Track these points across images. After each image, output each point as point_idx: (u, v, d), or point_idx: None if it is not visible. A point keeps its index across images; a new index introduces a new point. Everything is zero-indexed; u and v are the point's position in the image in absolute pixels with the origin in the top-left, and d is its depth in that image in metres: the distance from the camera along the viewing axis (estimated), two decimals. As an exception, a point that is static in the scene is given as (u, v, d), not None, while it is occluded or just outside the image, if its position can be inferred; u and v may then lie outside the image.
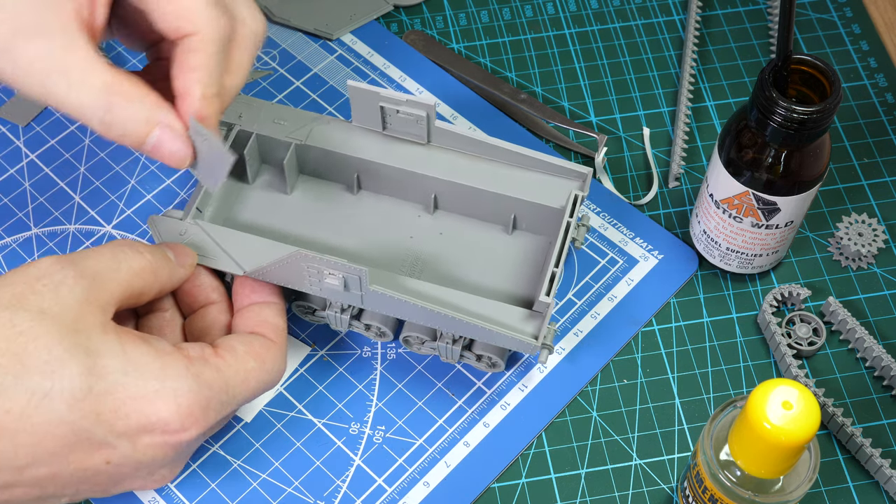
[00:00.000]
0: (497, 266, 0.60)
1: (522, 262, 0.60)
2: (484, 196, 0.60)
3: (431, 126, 0.59)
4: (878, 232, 0.64)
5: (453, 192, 0.60)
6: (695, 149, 0.69)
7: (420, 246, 0.61)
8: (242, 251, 0.56)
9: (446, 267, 0.60)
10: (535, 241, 0.61)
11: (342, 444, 0.58)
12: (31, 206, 0.66)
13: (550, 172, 0.59)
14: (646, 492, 0.57)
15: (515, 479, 0.58)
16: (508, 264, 0.60)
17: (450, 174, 0.60)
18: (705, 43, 0.73)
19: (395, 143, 0.60)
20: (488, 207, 0.60)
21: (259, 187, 0.62)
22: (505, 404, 0.59)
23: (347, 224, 0.61)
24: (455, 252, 0.60)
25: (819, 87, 0.54)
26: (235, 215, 0.61)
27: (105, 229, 0.65)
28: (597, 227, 0.65)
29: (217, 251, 0.57)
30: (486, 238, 0.61)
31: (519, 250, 0.61)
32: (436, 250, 0.60)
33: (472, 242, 0.61)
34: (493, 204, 0.60)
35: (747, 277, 0.64)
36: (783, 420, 0.45)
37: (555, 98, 0.71)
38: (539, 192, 0.59)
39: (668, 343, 0.62)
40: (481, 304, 0.56)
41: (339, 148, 0.60)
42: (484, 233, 0.61)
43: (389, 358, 0.61)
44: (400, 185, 0.61)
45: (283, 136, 0.61)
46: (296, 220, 0.61)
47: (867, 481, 0.57)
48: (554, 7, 0.75)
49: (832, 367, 0.61)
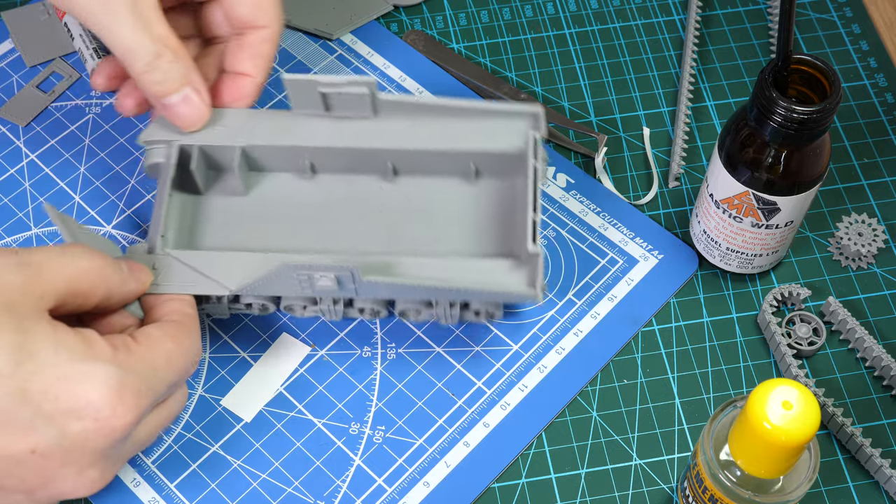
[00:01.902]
0: (470, 219, 0.60)
1: (494, 211, 0.60)
2: (440, 155, 0.59)
3: (376, 100, 0.59)
4: (878, 232, 0.64)
5: (410, 158, 0.60)
6: (695, 149, 0.69)
7: (392, 217, 0.60)
8: (223, 271, 0.56)
9: (423, 232, 0.60)
10: (501, 187, 0.61)
11: (342, 444, 0.58)
12: (31, 206, 0.66)
13: (500, 118, 0.59)
14: (646, 492, 0.57)
15: (515, 479, 0.58)
16: (481, 216, 0.60)
17: (402, 142, 0.59)
18: (705, 43, 0.73)
19: (342, 121, 0.60)
20: (447, 165, 0.60)
21: (214, 195, 0.61)
22: (505, 404, 0.59)
23: (313, 212, 0.60)
24: (426, 215, 0.60)
25: (819, 87, 0.54)
26: (198, 230, 0.60)
27: (105, 229, 0.65)
28: (597, 227, 0.65)
29: (197, 277, 0.56)
30: (453, 194, 0.61)
31: (487, 200, 0.60)
32: (408, 218, 0.60)
33: (441, 202, 0.61)
34: (451, 161, 0.60)
35: (747, 277, 0.64)
36: (783, 420, 0.45)
37: (555, 98, 0.71)
38: (494, 140, 0.59)
39: (668, 343, 0.62)
40: (470, 265, 0.55)
41: (286, 140, 0.59)
42: (450, 190, 0.61)
43: (389, 358, 0.61)
44: (354, 161, 0.60)
45: (226, 141, 0.59)
46: (260, 219, 0.60)
47: (867, 481, 0.57)
48: (554, 7, 0.75)
49: (832, 367, 0.61)
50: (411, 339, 0.61)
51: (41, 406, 0.46)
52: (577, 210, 0.65)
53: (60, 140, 0.68)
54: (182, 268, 0.56)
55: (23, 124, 0.68)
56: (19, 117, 0.69)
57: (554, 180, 0.67)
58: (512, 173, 0.60)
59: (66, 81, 0.70)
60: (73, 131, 0.68)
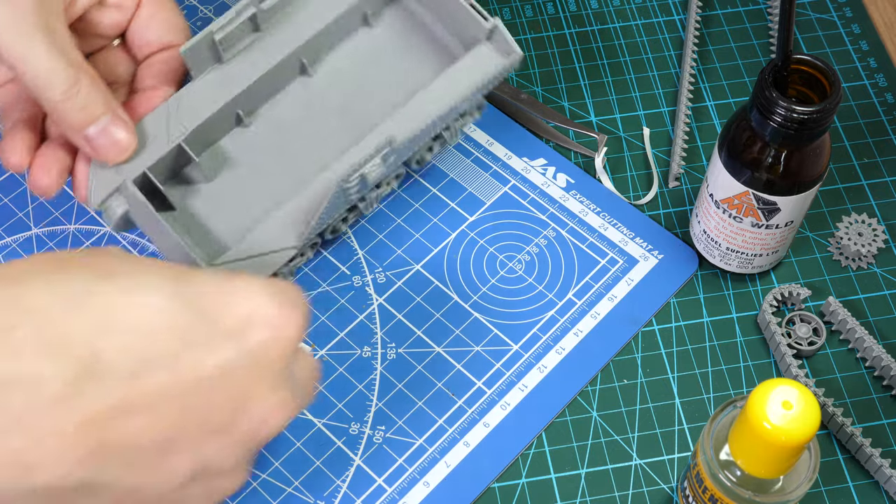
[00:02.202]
0: (404, 53, 0.62)
1: (417, 31, 0.62)
2: (334, 24, 0.60)
3: (260, 19, 0.59)
4: (878, 232, 0.64)
5: (313, 45, 0.60)
6: (695, 149, 0.69)
7: (342, 100, 0.61)
8: (275, 238, 0.56)
9: (380, 91, 0.61)
10: (402, 12, 0.62)
11: (342, 444, 0.58)
12: (31, 206, 0.66)
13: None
14: (646, 492, 0.57)
15: (515, 479, 0.58)
16: (409, 43, 0.62)
17: (298, 36, 0.60)
18: (705, 43, 0.73)
19: (237, 57, 0.59)
20: (345, 26, 0.61)
21: (186, 199, 0.60)
22: (505, 404, 0.59)
23: (279, 146, 0.60)
24: (368, 77, 0.62)
25: (819, 87, 0.54)
26: (211, 228, 0.59)
27: (105, 229, 0.65)
28: (597, 227, 0.65)
29: (261, 260, 0.55)
30: (370, 45, 0.62)
31: (403, 27, 0.62)
32: (355, 91, 0.61)
33: (366, 59, 0.62)
34: (346, 21, 0.61)
35: (747, 277, 0.64)
36: (783, 420, 0.45)
37: (555, 98, 0.71)
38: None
39: (668, 343, 0.62)
40: (453, 74, 0.58)
41: (210, 109, 0.58)
42: (364, 44, 0.62)
43: (389, 358, 0.61)
44: (272, 82, 0.60)
45: (164, 147, 0.57)
46: (246, 183, 0.60)
47: (867, 481, 0.57)
48: (554, 7, 0.75)
49: (832, 367, 0.61)
50: (411, 339, 0.61)
51: (216, 322, 0.44)
52: (577, 210, 0.66)
53: (60, 140, 0.68)
54: (242, 264, 0.56)
55: (23, 124, 0.68)
56: (19, 117, 0.69)
57: (554, 180, 0.67)
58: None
59: (66, 81, 0.70)
60: (73, 131, 0.68)
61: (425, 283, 0.63)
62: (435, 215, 0.65)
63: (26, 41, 0.52)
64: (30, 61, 0.52)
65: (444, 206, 0.66)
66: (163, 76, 0.58)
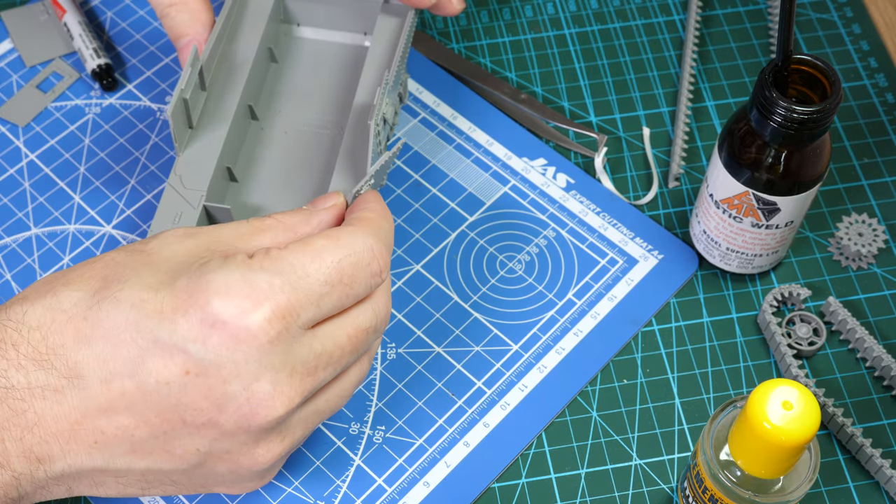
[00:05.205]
0: (324, 69, 0.65)
1: (327, 52, 0.66)
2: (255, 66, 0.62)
3: (205, 77, 0.59)
4: (878, 232, 0.64)
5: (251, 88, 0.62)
6: (695, 149, 0.69)
7: (314, 73, 0.64)
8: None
9: (328, 95, 0.64)
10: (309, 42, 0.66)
11: (342, 444, 0.58)
12: (30, 206, 0.66)
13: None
14: (646, 492, 0.57)
15: (515, 479, 0.58)
16: (324, 61, 0.65)
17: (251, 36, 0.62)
18: (705, 43, 0.73)
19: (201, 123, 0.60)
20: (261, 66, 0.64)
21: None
22: (505, 404, 0.59)
23: (291, 152, 0.62)
24: (322, 43, 0.65)
25: (819, 87, 0.54)
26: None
27: (105, 229, 0.65)
28: (597, 228, 0.65)
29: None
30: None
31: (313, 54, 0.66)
32: (320, 65, 0.65)
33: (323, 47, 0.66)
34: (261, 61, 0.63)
35: (747, 277, 0.64)
36: (783, 420, 0.45)
37: (555, 98, 0.71)
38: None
39: (668, 343, 0.62)
40: (377, 51, 0.61)
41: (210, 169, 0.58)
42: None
43: (389, 358, 0.61)
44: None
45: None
46: (277, 179, 0.61)
47: (867, 481, 0.57)
48: (554, 7, 0.75)
49: (832, 367, 0.61)
50: (411, 339, 0.61)
51: (176, 328, 0.45)
52: (577, 210, 0.65)
53: (60, 140, 0.68)
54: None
55: (22, 124, 0.68)
56: (19, 117, 0.69)
57: (554, 180, 0.67)
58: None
59: (65, 81, 0.70)
60: (72, 131, 0.68)
61: (425, 283, 0.63)
62: (435, 215, 0.65)
63: None
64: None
65: (444, 206, 0.66)
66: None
